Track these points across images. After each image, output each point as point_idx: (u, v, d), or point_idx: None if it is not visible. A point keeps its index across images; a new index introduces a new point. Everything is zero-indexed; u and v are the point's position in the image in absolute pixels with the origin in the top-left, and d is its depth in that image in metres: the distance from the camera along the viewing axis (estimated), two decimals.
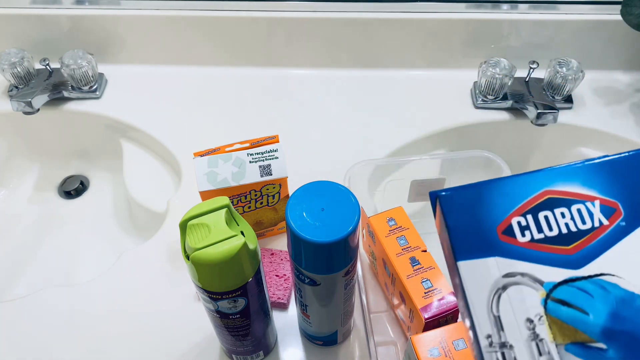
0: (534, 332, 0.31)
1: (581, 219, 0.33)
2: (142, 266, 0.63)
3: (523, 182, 0.34)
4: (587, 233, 0.33)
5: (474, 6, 0.78)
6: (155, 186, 0.74)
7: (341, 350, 0.56)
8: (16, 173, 0.85)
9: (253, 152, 0.58)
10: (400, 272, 0.53)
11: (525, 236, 0.33)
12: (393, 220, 0.57)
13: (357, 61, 0.84)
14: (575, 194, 0.34)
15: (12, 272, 0.75)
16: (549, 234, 0.33)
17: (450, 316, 0.50)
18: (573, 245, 0.33)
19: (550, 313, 0.31)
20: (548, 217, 0.33)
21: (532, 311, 0.32)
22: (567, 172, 0.34)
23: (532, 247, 0.33)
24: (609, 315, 0.31)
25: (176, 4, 0.80)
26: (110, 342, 0.57)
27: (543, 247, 0.33)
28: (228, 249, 0.40)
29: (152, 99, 0.81)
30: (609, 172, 0.34)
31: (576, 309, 0.31)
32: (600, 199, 0.34)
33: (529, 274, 0.32)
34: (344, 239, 0.41)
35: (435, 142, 0.77)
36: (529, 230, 0.33)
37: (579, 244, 0.33)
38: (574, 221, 0.33)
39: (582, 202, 0.34)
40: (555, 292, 0.32)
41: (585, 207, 0.34)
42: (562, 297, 0.32)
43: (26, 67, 0.78)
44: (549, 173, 0.34)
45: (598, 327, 0.31)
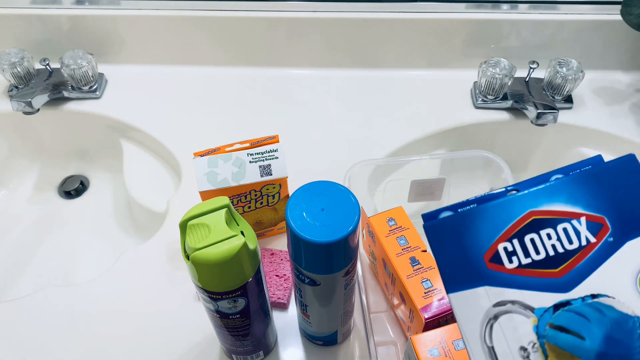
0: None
1: (568, 239, 0.33)
2: (142, 266, 0.63)
3: (506, 205, 0.33)
4: (574, 253, 0.32)
5: (474, 6, 0.78)
6: (155, 186, 0.74)
7: (341, 351, 0.56)
8: (16, 173, 0.85)
9: (253, 152, 0.58)
10: (400, 272, 0.53)
11: (513, 262, 0.33)
12: (393, 220, 0.57)
13: (357, 61, 0.84)
14: (561, 212, 0.33)
15: (12, 272, 0.75)
16: (536, 258, 0.33)
17: (450, 316, 0.50)
18: (561, 267, 0.32)
19: (550, 341, 0.31)
20: (534, 240, 0.33)
21: (525, 339, 0.31)
22: (550, 191, 0.33)
23: (520, 272, 0.32)
24: (604, 339, 0.30)
25: (176, 4, 0.80)
26: (110, 342, 0.57)
27: (531, 272, 0.32)
28: (228, 249, 0.40)
29: (152, 99, 0.81)
30: (593, 185, 0.33)
31: (574, 334, 0.31)
32: (586, 214, 0.33)
33: (519, 301, 0.32)
34: (344, 239, 0.41)
35: (435, 142, 0.77)
36: (515, 256, 0.33)
37: (566, 265, 0.32)
38: (561, 242, 0.33)
39: (568, 221, 0.33)
40: (554, 319, 0.31)
41: (571, 225, 0.33)
42: (561, 323, 0.31)
43: (26, 67, 0.78)
44: (533, 194, 0.34)
45: (593, 352, 0.30)
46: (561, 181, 0.34)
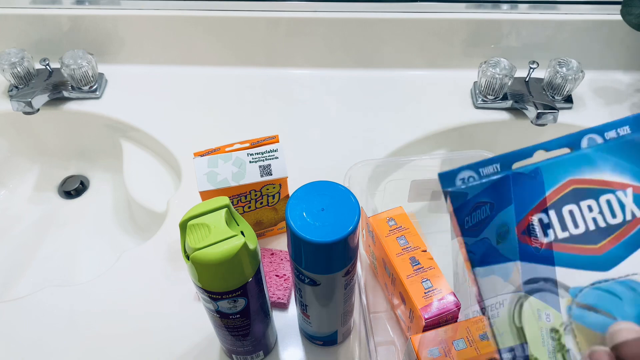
0: (559, 342, 0.28)
1: (611, 212, 0.29)
2: (142, 266, 0.63)
3: (544, 171, 0.30)
4: (618, 228, 0.29)
5: (474, 6, 0.78)
6: (155, 186, 0.74)
7: (341, 351, 0.56)
8: (16, 173, 0.85)
9: (253, 152, 0.58)
10: (401, 272, 0.53)
11: (548, 236, 0.29)
12: (393, 220, 0.57)
13: (357, 61, 0.84)
14: (605, 182, 0.29)
15: (12, 272, 0.75)
16: (575, 232, 0.29)
17: (450, 316, 0.50)
18: (602, 243, 0.28)
19: (576, 320, 0.28)
20: (573, 212, 0.29)
21: (557, 321, 0.28)
22: (593, 157, 0.29)
23: (555, 248, 0.29)
24: (637, 319, 0.27)
25: (176, 4, 0.80)
26: (110, 342, 0.57)
27: (568, 248, 0.29)
28: (228, 249, 0.40)
29: (152, 99, 0.81)
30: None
31: (604, 314, 0.28)
32: (634, 186, 0.29)
33: (553, 279, 0.28)
34: (344, 239, 0.41)
35: (435, 142, 0.77)
36: (551, 229, 0.29)
37: (608, 241, 0.28)
38: (603, 215, 0.29)
39: (612, 192, 0.29)
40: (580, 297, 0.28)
41: (615, 197, 0.29)
42: (589, 301, 0.28)
43: (26, 67, 0.78)
44: (572, 159, 0.29)
45: None
46: (607, 146, 0.30)
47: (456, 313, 0.50)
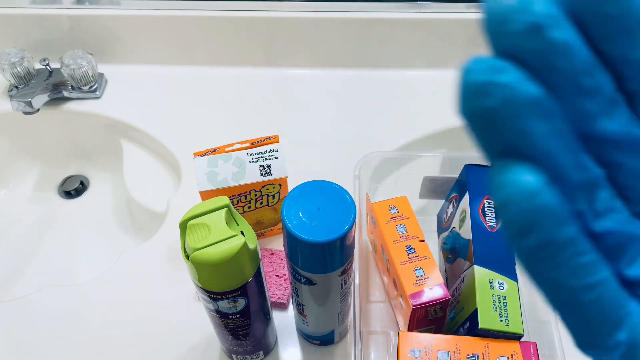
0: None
1: None
2: (142, 266, 0.63)
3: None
4: None
5: (474, 6, 0.78)
6: (155, 186, 0.74)
7: (338, 350, 0.56)
8: (16, 173, 0.85)
9: (253, 152, 0.58)
10: (395, 258, 0.53)
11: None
12: (395, 208, 0.57)
13: (357, 61, 0.84)
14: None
15: (12, 272, 0.75)
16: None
17: (439, 306, 0.50)
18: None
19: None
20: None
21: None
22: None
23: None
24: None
25: (176, 4, 0.80)
26: (110, 342, 0.57)
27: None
28: (228, 249, 0.40)
29: (152, 99, 0.81)
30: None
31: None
32: None
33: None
34: (339, 238, 0.41)
35: (435, 142, 0.77)
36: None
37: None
38: None
39: None
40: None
41: None
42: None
43: (26, 67, 0.78)
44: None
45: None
46: None
47: (445, 304, 0.50)
